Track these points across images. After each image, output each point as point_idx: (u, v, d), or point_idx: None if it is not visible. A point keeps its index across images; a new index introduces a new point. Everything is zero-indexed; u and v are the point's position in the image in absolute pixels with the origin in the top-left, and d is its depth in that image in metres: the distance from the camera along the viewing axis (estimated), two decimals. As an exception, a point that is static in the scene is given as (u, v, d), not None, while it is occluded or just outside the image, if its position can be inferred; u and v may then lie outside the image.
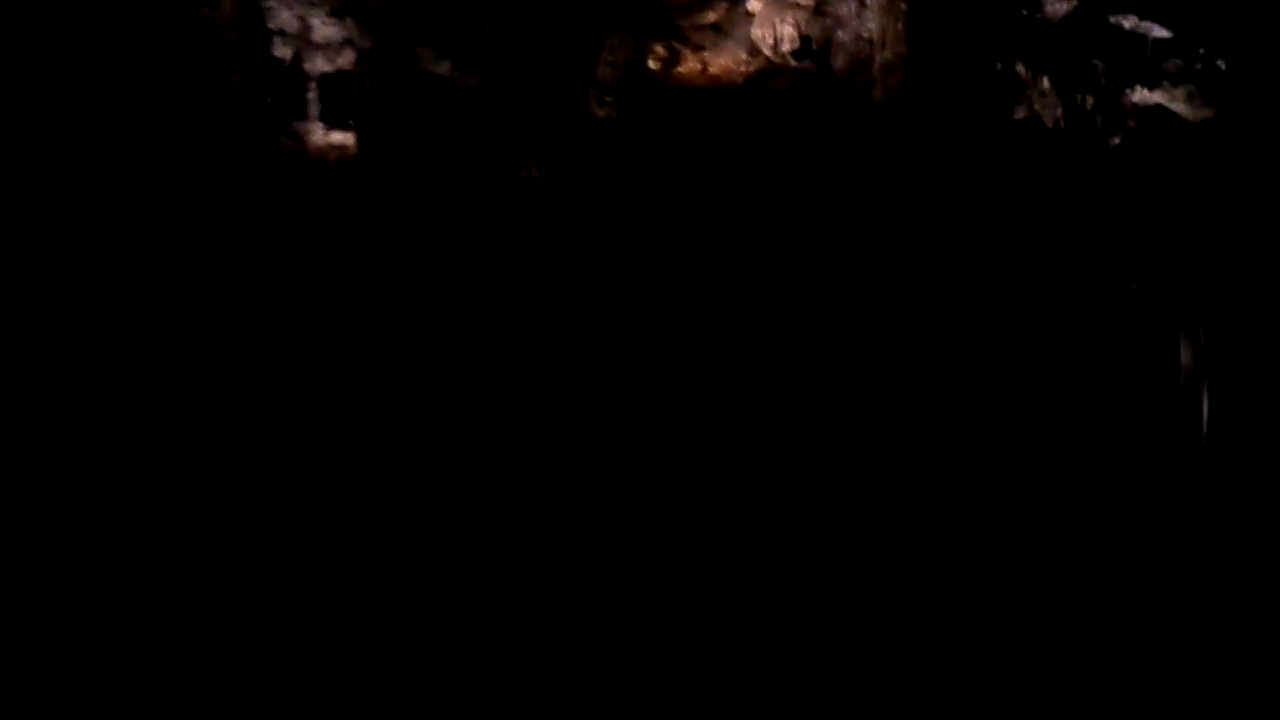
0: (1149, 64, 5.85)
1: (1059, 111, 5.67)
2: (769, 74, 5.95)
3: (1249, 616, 4.11)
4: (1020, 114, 5.82)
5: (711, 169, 5.47)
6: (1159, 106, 5.73)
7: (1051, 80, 5.72)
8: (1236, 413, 4.60)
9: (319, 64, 5.07)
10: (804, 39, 5.99)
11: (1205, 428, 4.65)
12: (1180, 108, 5.74)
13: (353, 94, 5.03)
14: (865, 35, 5.80)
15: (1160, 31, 5.81)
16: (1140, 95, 5.73)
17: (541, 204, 5.06)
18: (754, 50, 6.02)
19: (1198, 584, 4.19)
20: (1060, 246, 5.10)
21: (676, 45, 6.12)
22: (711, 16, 6.13)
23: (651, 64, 5.95)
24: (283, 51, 4.94)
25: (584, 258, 4.95)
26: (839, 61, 5.88)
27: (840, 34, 5.90)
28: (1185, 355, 4.77)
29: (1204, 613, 4.12)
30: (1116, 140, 5.62)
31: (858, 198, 5.46)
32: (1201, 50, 5.77)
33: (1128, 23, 5.86)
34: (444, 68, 5.51)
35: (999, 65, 5.76)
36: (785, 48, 5.95)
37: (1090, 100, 5.71)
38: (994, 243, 5.29)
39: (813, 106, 5.79)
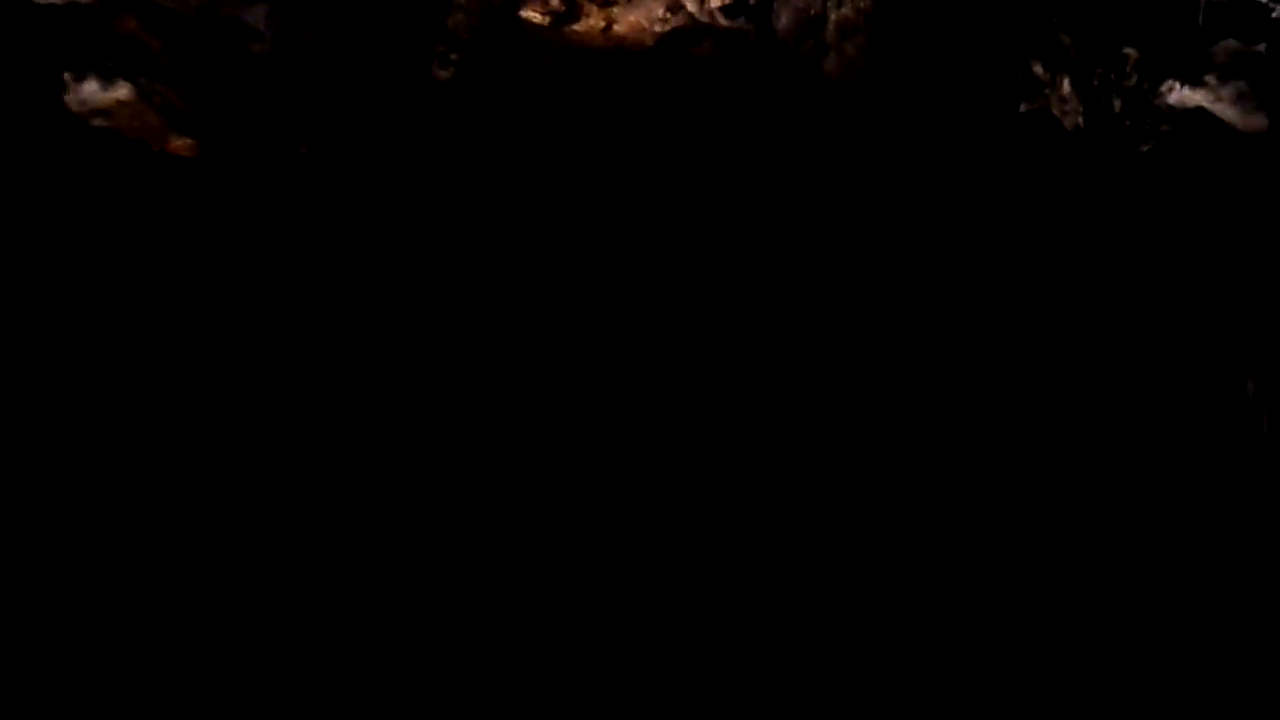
0: (1196, 46, 5.08)
1: (1080, 118, 5.14)
2: (690, 35, 5.09)
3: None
4: (1026, 107, 5.13)
5: (598, 156, 4.34)
6: (1200, 109, 5.14)
7: (1073, 81, 5.14)
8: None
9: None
10: (739, -10, 5.26)
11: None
12: (1226, 111, 5.14)
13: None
14: (819, -14, 5.04)
15: (1221, -10, 5.06)
16: (1178, 95, 5.13)
17: (307, 191, 3.74)
18: (675, 5, 5.16)
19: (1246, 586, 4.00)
20: (1067, 268, 4.53)
21: (579, -3, 4.99)
22: (632, -35, 5.08)
23: (535, 17, 4.87)
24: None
25: (365, 259, 3.82)
26: (783, 20, 5.00)
27: (787, -16, 5.14)
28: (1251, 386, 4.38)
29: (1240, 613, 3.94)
30: (1146, 147, 5.09)
31: (799, 198, 4.50)
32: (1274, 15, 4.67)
33: (1174, -19, 5.09)
34: (256, 14, 4.29)
35: (998, 35, 4.94)
36: (714, 2, 5.08)
37: (1118, 101, 5.17)
38: (979, 259, 4.42)
39: (746, 79, 4.84)
